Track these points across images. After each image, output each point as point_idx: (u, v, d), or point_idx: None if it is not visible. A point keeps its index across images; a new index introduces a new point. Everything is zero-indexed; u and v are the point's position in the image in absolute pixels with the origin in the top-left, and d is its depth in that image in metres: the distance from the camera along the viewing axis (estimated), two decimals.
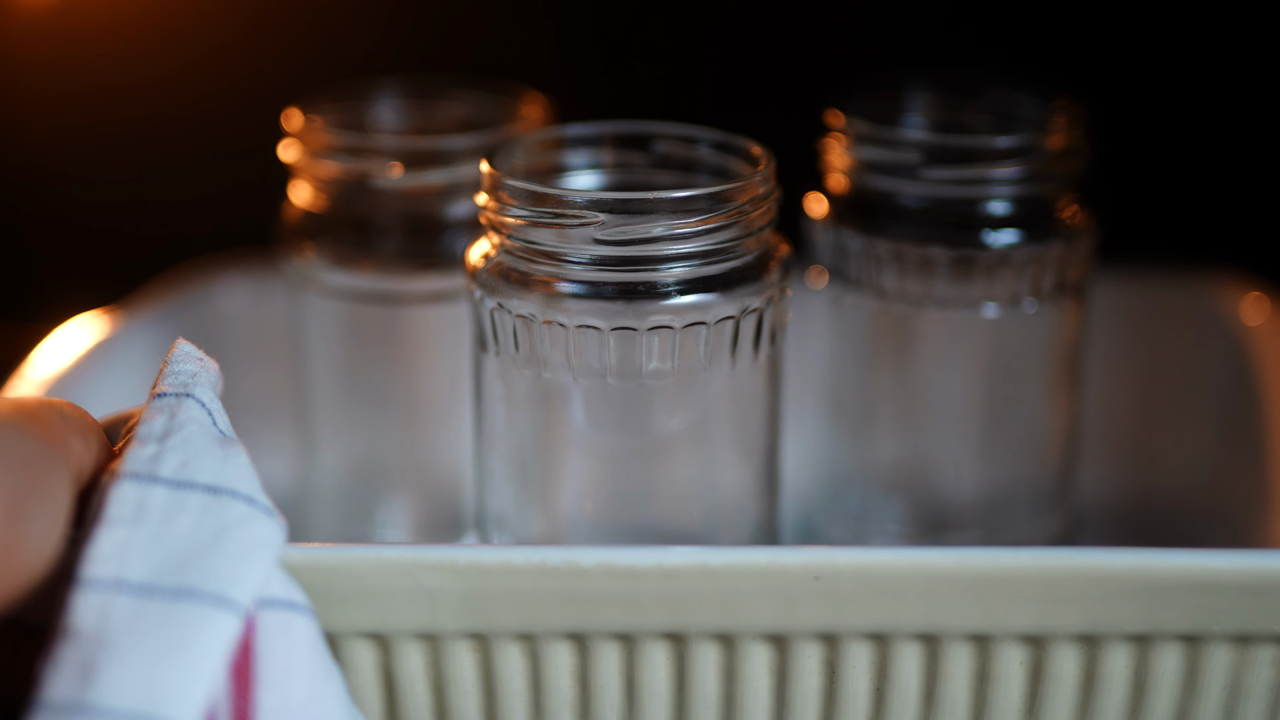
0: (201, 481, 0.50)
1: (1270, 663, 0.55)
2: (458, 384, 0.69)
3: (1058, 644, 0.55)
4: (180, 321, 0.77)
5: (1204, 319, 0.78)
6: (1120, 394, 0.79)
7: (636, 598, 0.53)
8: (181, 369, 0.54)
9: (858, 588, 0.53)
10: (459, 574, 0.53)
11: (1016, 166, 0.65)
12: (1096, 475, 0.77)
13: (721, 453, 0.60)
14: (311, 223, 0.68)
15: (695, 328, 0.57)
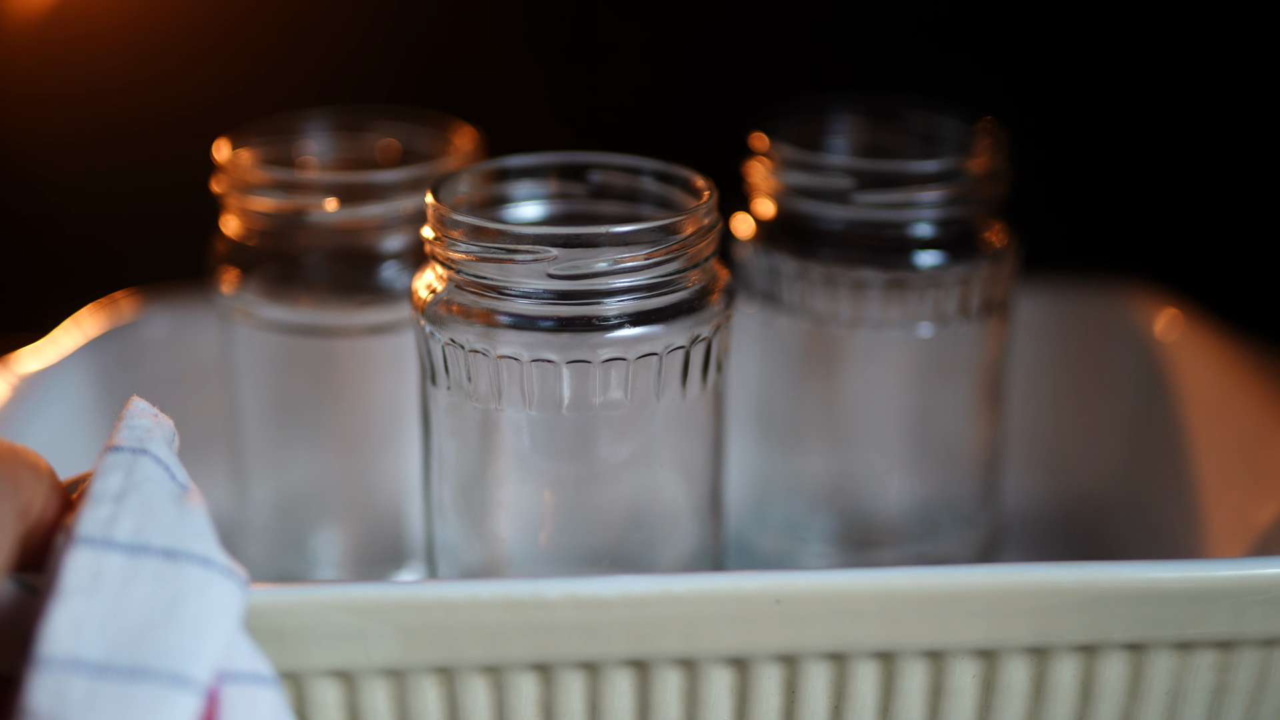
0: (157, 544, 0.50)
1: (1209, 667, 0.57)
2: (391, 416, 0.70)
3: (1008, 656, 0.56)
4: (105, 353, 0.77)
5: (1118, 331, 0.80)
6: (1036, 405, 0.80)
7: (601, 627, 0.54)
8: (137, 424, 0.54)
9: (817, 609, 0.54)
10: (424, 610, 0.53)
11: (942, 190, 0.67)
12: (1013, 486, 0.79)
13: (670, 479, 0.61)
14: (241, 254, 0.68)
15: (643, 359, 0.58)
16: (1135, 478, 0.77)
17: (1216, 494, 0.72)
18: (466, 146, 0.68)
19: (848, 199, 0.66)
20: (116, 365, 0.76)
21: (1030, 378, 0.79)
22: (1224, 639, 0.56)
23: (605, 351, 0.57)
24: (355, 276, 0.67)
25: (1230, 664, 0.57)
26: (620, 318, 0.58)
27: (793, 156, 0.68)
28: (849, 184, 0.66)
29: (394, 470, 0.70)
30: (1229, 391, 0.73)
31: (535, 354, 0.57)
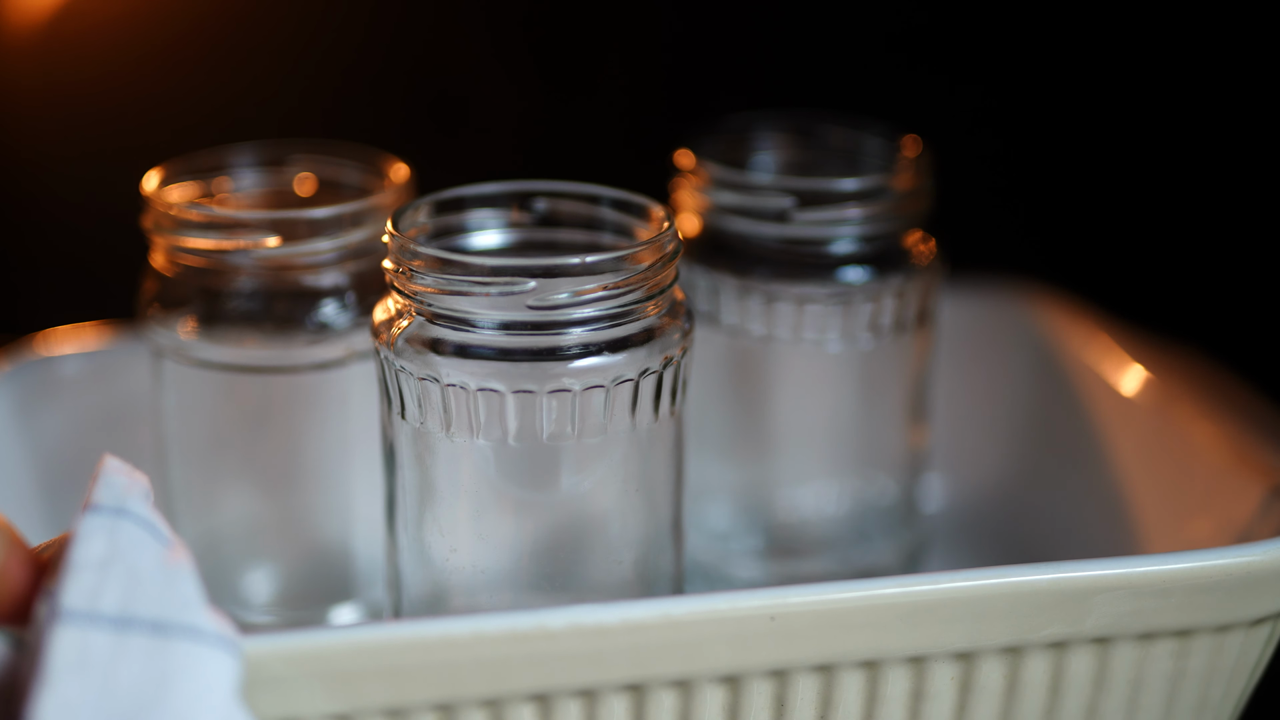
0: (144, 616, 0.48)
1: (1168, 655, 0.59)
2: (322, 452, 0.68)
3: (984, 657, 0.58)
4: (21, 386, 0.75)
5: (1015, 333, 0.82)
6: (939, 408, 0.83)
7: (602, 654, 0.54)
8: (113, 481, 0.52)
9: (809, 624, 0.55)
10: (428, 648, 0.53)
11: (868, 208, 0.68)
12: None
13: (635, 503, 0.61)
14: (170, 290, 0.67)
15: (608, 387, 0.58)
16: (1040, 475, 0.80)
17: (1122, 487, 0.75)
18: (400, 180, 0.67)
19: (785, 217, 0.67)
20: (32, 402, 0.74)
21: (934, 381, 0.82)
22: (1182, 628, 0.59)
23: (563, 381, 0.58)
24: (286, 313, 0.66)
25: (1187, 650, 0.60)
26: (584, 346, 0.58)
27: (721, 175, 0.69)
28: (779, 202, 0.67)
29: (326, 508, 0.69)
30: (1125, 386, 0.77)
31: (500, 384, 0.57)
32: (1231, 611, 0.59)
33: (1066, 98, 0.95)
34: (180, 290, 0.66)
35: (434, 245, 0.60)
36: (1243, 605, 0.59)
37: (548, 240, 0.62)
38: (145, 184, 0.66)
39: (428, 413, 0.58)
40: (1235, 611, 0.59)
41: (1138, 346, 0.77)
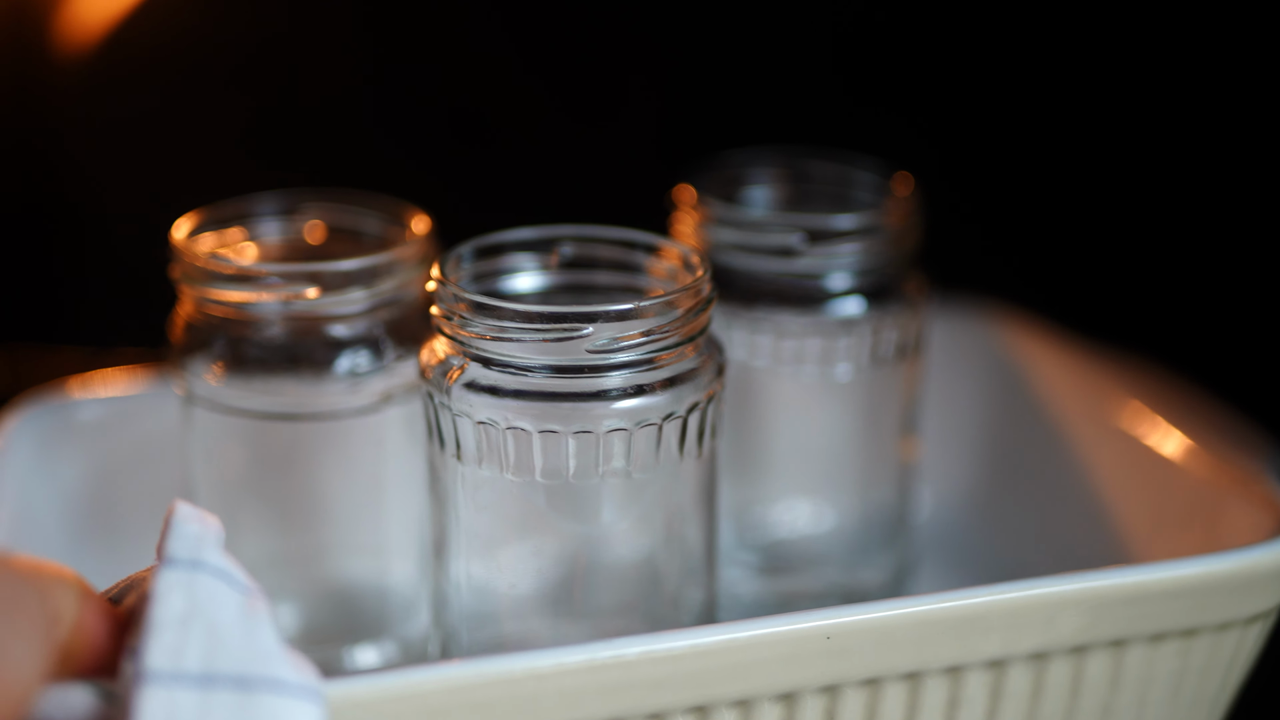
0: (227, 672, 0.49)
1: (1174, 653, 0.64)
2: (345, 494, 0.70)
3: (1013, 664, 0.62)
4: (48, 428, 0.75)
5: (977, 350, 0.86)
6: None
7: (672, 679, 0.57)
8: (186, 531, 0.53)
9: (860, 640, 0.59)
10: (512, 682, 0.55)
11: (868, 244, 0.72)
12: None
13: (674, 536, 0.63)
14: (197, 337, 0.68)
15: (651, 426, 0.61)
16: (1011, 488, 0.84)
17: (1095, 496, 0.79)
18: (422, 231, 0.69)
19: (790, 252, 0.70)
20: (58, 444, 0.75)
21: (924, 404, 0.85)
22: (1187, 628, 0.63)
23: (609, 422, 0.60)
24: (311, 360, 0.67)
25: (1190, 649, 0.64)
26: (627, 388, 0.60)
27: (722, 212, 0.72)
28: (785, 239, 0.70)
29: (348, 550, 0.71)
30: (1083, 400, 0.81)
31: (540, 425, 0.59)
32: (1229, 611, 0.63)
33: (1034, 122, 1.00)
34: (208, 337, 0.68)
35: (477, 290, 0.62)
36: (1239, 605, 0.63)
37: (584, 283, 0.65)
38: (174, 233, 0.68)
39: (485, 454, 0.61)
40: (1232, 610, 0.63)
41: (1097, 360, 0.82)
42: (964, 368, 0.86)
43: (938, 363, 0.85)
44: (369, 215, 0.70)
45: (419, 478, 0.70)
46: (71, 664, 0.50)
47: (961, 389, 0.86)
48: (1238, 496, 0.69)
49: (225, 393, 0.67)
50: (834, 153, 0.77)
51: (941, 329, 0.86)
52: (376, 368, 0.67)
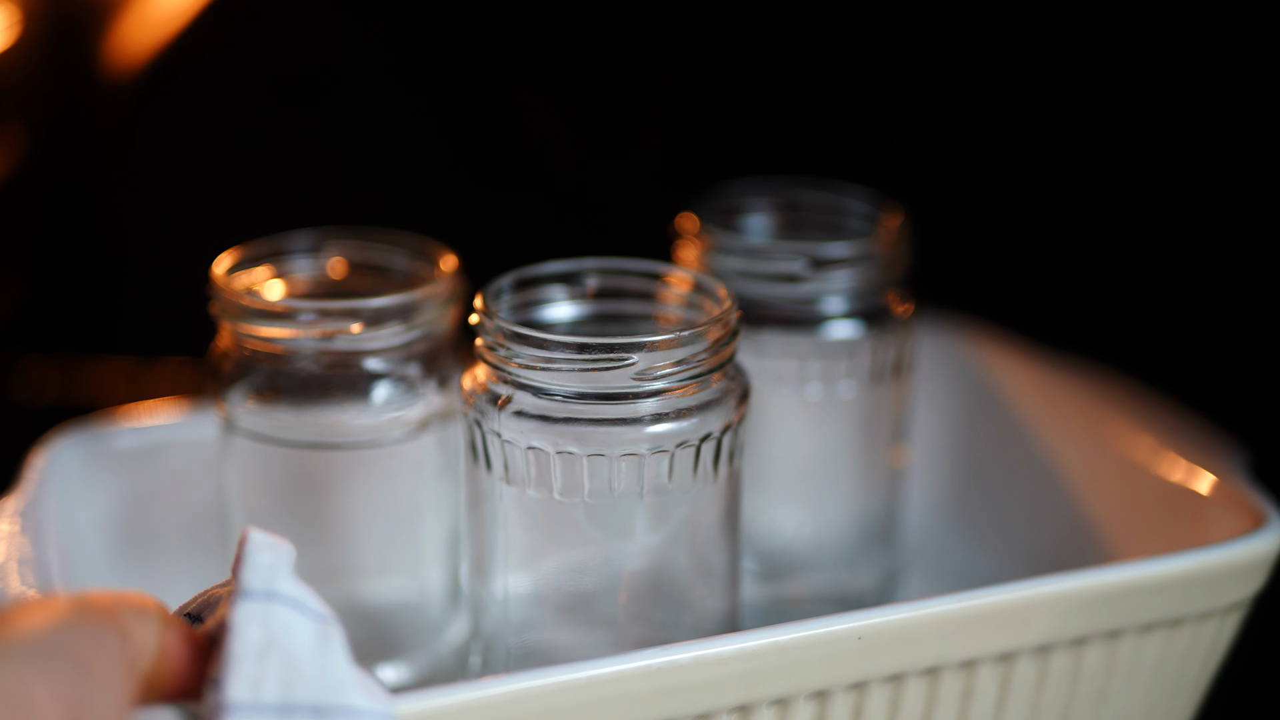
0: (304, 702, 0.53)
1: (1162, 642, 0.69)
2: (374, 518, 0.73)
3: (1021, 656, 0.67)
4: (92, 454, 0.78)
5: (947, 362, 0.91)
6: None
7: (720, 681, 0.61)
8: (260, 561, 0.55)
9: (887, 639, 0.63)
10: (576, 689, 0.59)
11: (858, 269, 0.76)
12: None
13: (703, 550, 0.68)
14: (235, 367, 0.71)
15: (683, 448, 0.65)
16: (985, 495, 0.89)
17: (1060, 501, 0.85)
18: (450, 268, 0.73)
19: (794, 279, 0.75)
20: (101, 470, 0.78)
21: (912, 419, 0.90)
22: (1174, 618, 0.69)
23: (648, 445, 0.64)
24: (345, 392, 0.71)
25: (1176, 637, 0.69)
26: (659, 414, 0.64)
27: (726, 241, 0.77)
28: (790, 266, 0.75)
29: (376, 571, 0.74)
30: (1057, 409, 0.86)
31: (587, 449, 0.64)
32: (1211, 601, 0.69)
33: (1011, 150, 1.06)
34: (246, 369, 0.71)
35: (516, 320, 0.66)
36: (1219, 595, 0.69)
37: (616, 312, 0.69)
38: (215, 269, 0.71)
39: (533, 477, 0.64)
40: (1214, 601, 0.69)
41: (1068, 372, 0.87)
42: (941, 381, 0.90)
43: (918, 376, 0.90)
44: (395, 252, 0.74)
45: (446, 501, 0.74)
46: (157, 689, 0.53)
47: (938, 401, 0.90)
48: (1210, 497, 0.75)
49: (263, 422, 0.71)
50: (825, 182, 0.81)
51: (921, 345, 0.90)
52: (408, 398, 0.71)
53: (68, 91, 1.06)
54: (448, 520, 0.74)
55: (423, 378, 0.71)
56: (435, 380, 0.71)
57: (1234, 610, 0.70)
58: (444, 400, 0.72)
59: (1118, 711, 0.70)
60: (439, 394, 0.71)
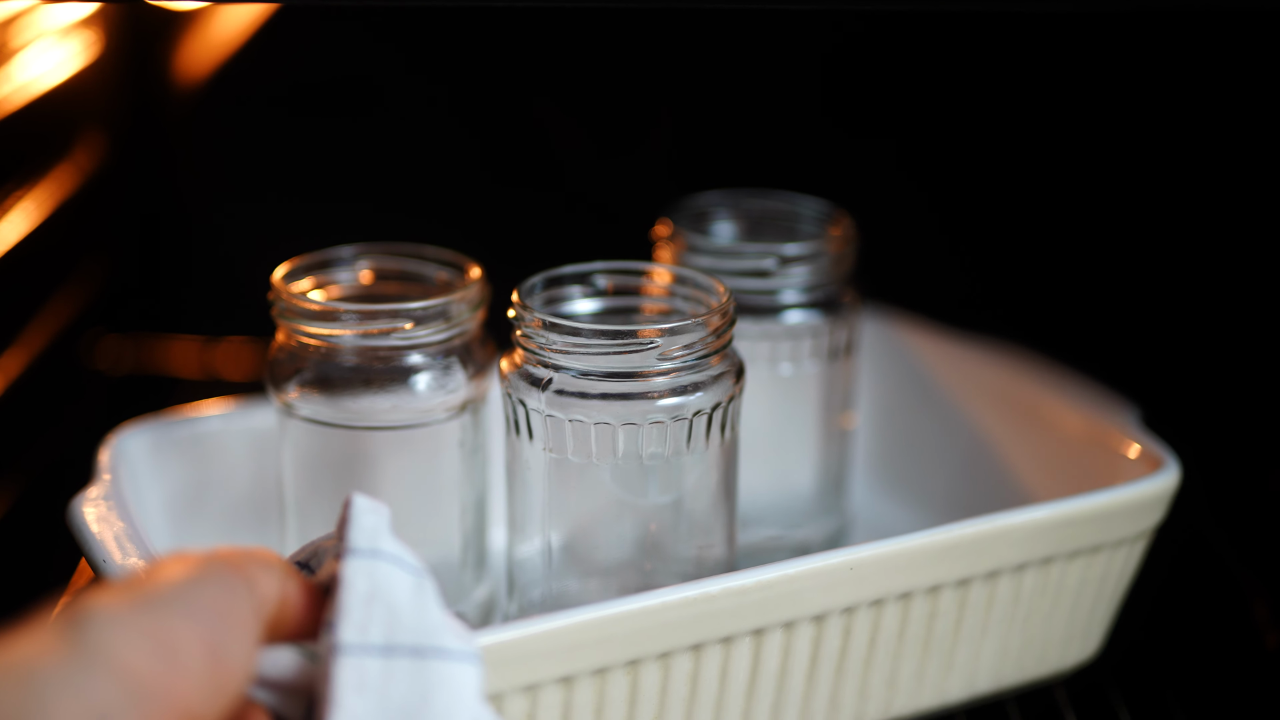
0: (405, 643, 0.60)
1: (1085, 566, 0.82)
2: (411, 490, 0.83)
3: (975, 582, 0.79)
4: (164, 438, 0.88)
5: (881, 346, 1.04)
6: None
7: (741, 609, 0.72)
8: (364, 523, 0.63)
9: (872, 570, 0.76)
10: (625, 620, 0.70)
11: (814, 265, 0.88)
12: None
13: (707, 505, 0.79)
14: (290, 360, 0.81)
15: (682, 421, 0.76)
16: (913, 454, 1.02)
17: (980, 456, 0.98)
18: (475, 276, 0.83)
19: (765, 274, 0.87)
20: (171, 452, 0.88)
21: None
22: (1095, 545, 0.82)
23: (666, 415, 0.76)
24: (389, 381, 0.81)
25: (1095, 561, 0.83)
26: (671, 389, 0.76)
27: (700, 242, 0.88)
28: (762, 263, 0.87)
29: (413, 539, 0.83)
30: (971, 383, 0.99)
31: (622, 419, 0.75)
32: (1123, 530, 0.82)
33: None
34: (298, 362, 0.81)
35: (548, 312, 0.78)
36: (1129, 526, 0.83)
37: (626, 306, 0.80)
38: (274, 276, 0.81)
39: (572, 445, 0.76)
40: (1125, 530, 0.82)
41: (982, 348, 0.99)
42: (877, 360, 1.03)
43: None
44: (426, 263, 0.84)
45: (475, 474, 0.84)
46: (280, 631, 0.61)
47: (874, 377, 1.03)
48: (1116, 447, 0.88)
49: (316, 408, 0.81)
50: (779, 193, 0.94)
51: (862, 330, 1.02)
52: (446, 386, 0.81)
53: (141, 102, 1.20)
54: (476, 492, 0.84)
55: (458, 367, 0.82)
56: (468, 370, 0.82)
57: (1141, 538, 0.84)
58: (475, 387, 0.82)
59: (1051, 625, 0.83)
60: (470, 382, 0.82)
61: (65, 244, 1.11)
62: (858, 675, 0.78)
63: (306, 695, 0.61)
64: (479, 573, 0.86)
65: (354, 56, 1.18)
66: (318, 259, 0.84)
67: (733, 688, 0.75)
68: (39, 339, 1.06)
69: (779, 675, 0.76)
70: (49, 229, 1.06)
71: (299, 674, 0.61)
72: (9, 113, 1.00)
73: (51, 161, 1.09)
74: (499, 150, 1.20)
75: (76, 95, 1.12)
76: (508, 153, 1.20)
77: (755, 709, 0.76)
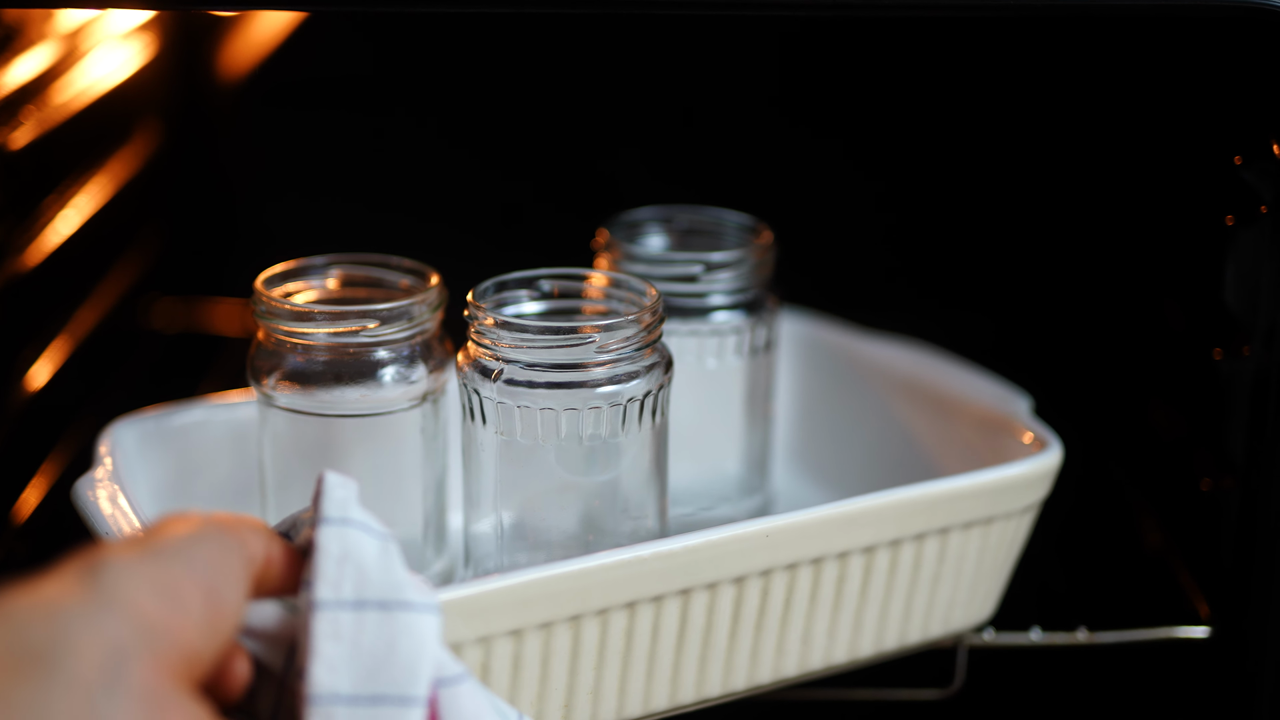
0: (373, 598, 0.67)
1: (979, 535, 0.90)
2: (378, 472, 0.91)
3: (879, 550, 0.87)
4: (153, 430, 0.95)
5: (799, 341, 1.12)
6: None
7: (669, 570, 0.80)
8: (335, 495, 0.70)
9: (787, 537, 0.83)
10: (569, 579, 0.78)
11: (737, 271, 0.97)
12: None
13: (640, 482, 0.87)
14: (269, 355, 0.89)
15: (617, 406, 0.84)
16: (828, 438, 1.10)
17: (888, 439, 1.06)
18: (435, 282, 0.90)
19: (693, 279, 0.95)
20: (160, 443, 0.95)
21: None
22: (988, 517, 0.90)
23: (604, 400, 0.84)
24: (359, 375, 0.88)
25: (989, 532, 0.91)
26: (609, 378, 0.84)
27: (633, 250, 0.97)
28: (689, 269, 0.95)
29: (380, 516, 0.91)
30: (879, 375, 1.07)
31: (564, 405, 0.83)
32: (1013, 504, 0.90)
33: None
34: (276, 357, 0.88)
35: (497, 312, 0.85)
36: (1018, 500, 0.91)
37: (568, 307, 0.88)
38: (256, 282, 0.89)
39: (520, 429, 0.83)
40: (1015, 504, 0.91)
41: (887, 343, 1.08)
42: (794, 353, 1.11)
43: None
44: (391, 271, 0.92)
45: (435, 458, 0.92)
46: (264, 587, 0.68)
47: (792, 369, 1.11)
48: (1008, 430, 0.97)
49: (292, 399, 0.88)
50: (707, 209, 1.02)
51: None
52: (407, 379, 0.89)
53: (191, 94, 1.39)
54: (436, 475, 0.92)
55: (420, 362, 0.89)
56: (428, 364, 0.89)
57: (1028, 511, 0.92)
58: (435, 380, 0.90)
59: (948, 591, 0.91)
60: (430, 375, 0.90)
61: (127, 217, 1.28)
62: (775, 632, 0.86)
63: (287, 644, 0.68)
64: (439, 547, 0.93)
65: (369, 54, 1.36)
66: (295, 267, 0.91)
67: (663, 642, 0.82)
68: (105, 300, 1.23)
69: (704, 631, 0.84)
70: (113, 205, 1.22)
71: (281, 625, 0.69)
72: (81, 106, 1.15)
73: (115, 147, 1.25)
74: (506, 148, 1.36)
75: (136, 90, 1.28)
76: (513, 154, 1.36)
77: (683, 661, 0.84)
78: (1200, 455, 1.02)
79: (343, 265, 0.93)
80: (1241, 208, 0.95)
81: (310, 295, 0.92)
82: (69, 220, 1.14)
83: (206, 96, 1.39)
